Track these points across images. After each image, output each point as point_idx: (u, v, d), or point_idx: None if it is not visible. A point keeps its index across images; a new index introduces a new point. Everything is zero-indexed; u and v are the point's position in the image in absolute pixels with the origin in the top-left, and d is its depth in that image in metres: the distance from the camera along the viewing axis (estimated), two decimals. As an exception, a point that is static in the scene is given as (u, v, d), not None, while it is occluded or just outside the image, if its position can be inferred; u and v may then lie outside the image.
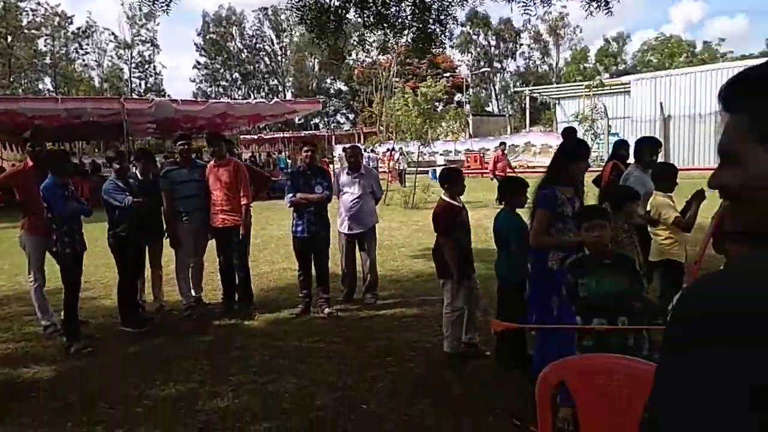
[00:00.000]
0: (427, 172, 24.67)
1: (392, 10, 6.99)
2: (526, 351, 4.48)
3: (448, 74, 47.71)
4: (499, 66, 71.08)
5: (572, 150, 3.84)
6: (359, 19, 7.16)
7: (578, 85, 34.33)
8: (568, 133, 8.28)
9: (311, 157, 6.26)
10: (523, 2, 6.46)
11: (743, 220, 0.89)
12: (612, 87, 31.64)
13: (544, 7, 6.79)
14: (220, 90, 70.62)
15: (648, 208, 4.71)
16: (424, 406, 3.92)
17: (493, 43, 70.03)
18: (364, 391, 4.23)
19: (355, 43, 9.04)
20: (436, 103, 19.39)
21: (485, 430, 3.59)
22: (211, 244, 6.61)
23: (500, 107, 70.05)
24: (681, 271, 4.69)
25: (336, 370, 4.61)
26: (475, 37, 68.24)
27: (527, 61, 72.24)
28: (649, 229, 4.77)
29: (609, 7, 6.36)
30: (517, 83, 65.77)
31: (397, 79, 40.13)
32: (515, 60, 71.69)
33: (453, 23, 7.79)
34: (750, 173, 0.84)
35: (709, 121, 26.76)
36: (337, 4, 6.79)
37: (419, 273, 8.04)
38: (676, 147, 27.14)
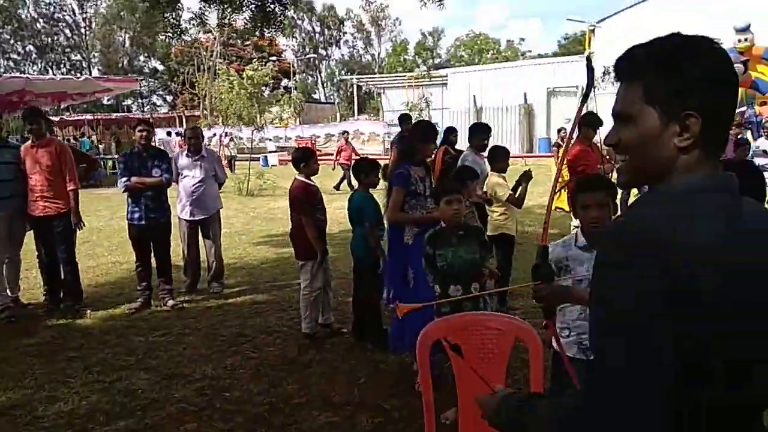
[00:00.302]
0: (258, 159, 24.18)
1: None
2: (382, 326, 4.70)
3: (274, 58, 46.92)
4: (324, 53, 71.63)
5: (423, 132, 4.09)
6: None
7: (401, 76, 35.97)
8: (405, 118, 8.72)
9: (146, 137, 5.82)
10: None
11: (633, 169, 1.10)
12: (432, 79, 33.61)
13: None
14: (11, 64, 61.86)
15: (485, 188, 5.19)
16: (291, 386, 3.94)
17: (317, 29, 70.34)
18: (225, 378, 4.12)
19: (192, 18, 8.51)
20: (263, 88, 18.99)
21: (355, 399, 3.73)
22: (29, 235, 5.90)
23: (326, 95, 70.77)
24: (512, 243, 5.26)
25: (190, 362, 4.43)
26: (299, 22, 67.89)
27: (351, 50, 73.79)
28: (486, 207, 5.26)
29: (441, 1, 6.80)
30: (342, 71, 66.86)
31: (220, 61, 38.47)
32: (339, 48, 72.83)
33: (290, 3, 7.74)
34: (640, 129, 1.04)
35: (514, 112, 29.76)
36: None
37: (264, 259, 7.95)
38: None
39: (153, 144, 6.15)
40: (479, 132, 5.78)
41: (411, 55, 72.10)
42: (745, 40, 17.08)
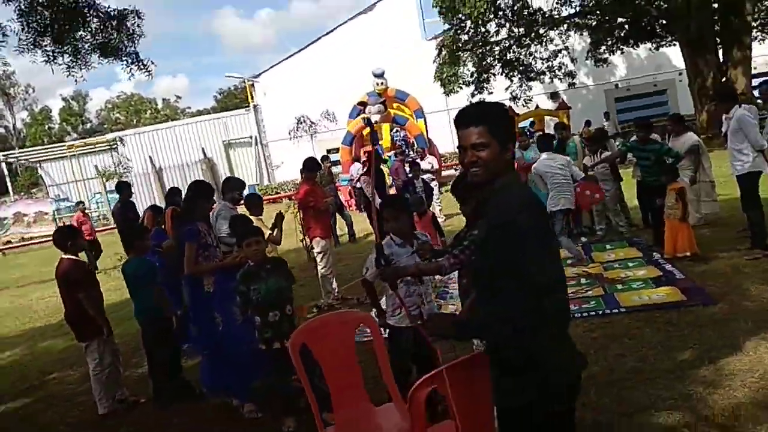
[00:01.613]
0: None
1: None
2: (184, 379, 4.90)
3: None
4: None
5: (201, 191, 4.52)
6: None
7: (60, 146, 32.88)
8: (124, 186, 8.61)
9: None
10: None
11: (485, 173, 2.00)
12: (97, 145, 31.59)
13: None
14: None
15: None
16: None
17: None
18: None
19: None
20: None
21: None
22: None
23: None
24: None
25: None
26: None
27: (-25, 124, 63.20)
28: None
29: (149, 70, 7.12)
30: (-28, 149, 56.80)
31: None
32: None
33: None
34: (490, 151, 1.97)
35: (195, 168, 29.97)
36: None
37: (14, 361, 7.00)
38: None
39: None
40: (233, 187, 6.28)
41: (57, 123, 65.57)
42: (381, 83, 20.91)
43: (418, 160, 7.47)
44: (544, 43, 22.17)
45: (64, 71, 6.52)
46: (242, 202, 5.91)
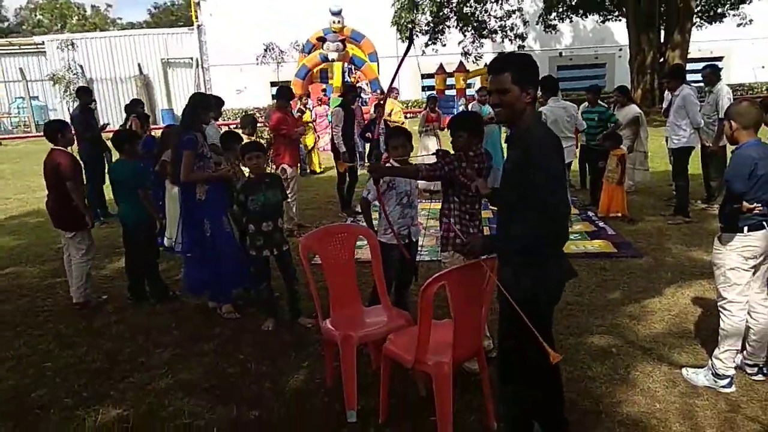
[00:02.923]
0: None
1: None
2: (162, 282, 5.17)
3: None
4: None
5: (202, 102, 4.68)
6: None
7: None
8: (84, 91, 8.39)
9: None
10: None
11: (507, 114, 2.44)
12: (22, 46, 29.44)
13: None
14: None
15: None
16: (109, 346, 4.24)
17: None
18: (32, 356, 4.10)
19: None
20: None
21: (176, 339, 4.29)
22: None
23: None
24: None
25: None
26: None
27: None
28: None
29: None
30: None
31: None
32: None
33: None
34: (510, 95, 2.39)
35: (130, 84, 28.64)
36: None
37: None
38: (104, 108, 27.89)
39: None
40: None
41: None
42: (338, 22, 20.66)
43: (382, 102, 7.77)
44: (500, 2, 22.56)
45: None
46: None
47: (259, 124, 8.35)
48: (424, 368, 2.85)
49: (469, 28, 22.67)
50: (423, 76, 27.19)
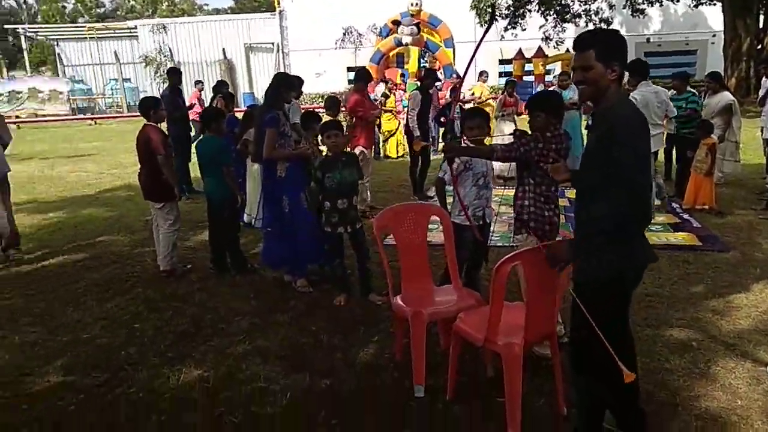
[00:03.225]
0: None
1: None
2: (243, 255, 5.41)
3: None
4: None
5: (285, 81, 4.84)
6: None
7: (80, 26, 32.34)
8: (174, 71, 8.84)
9: None
10: None
11: (591, 91, 2.38)
12: (117, 31, 31.13)
13: None
14: None
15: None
16: (196, 311, 4.50)
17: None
18: (126, 317, 4.42)
19: None
20: None
21: (255, 309, 4.49)
22: None
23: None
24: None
25: (48, 331, 4.27)
26: None
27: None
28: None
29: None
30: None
31: None
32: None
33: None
34: (594, 72, 2.33)
35: (215, 67, 29.71)
36: None
37: (39, 225, 7.47)
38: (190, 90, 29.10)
39: None
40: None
41: (72, 2, 63.89)
42: (416, 4, 20.54)
43: (458, 86, 7.68)
44: (585, -16, 21.74)
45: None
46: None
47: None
48: (495, 348, 2.85)
49: (552, 12, 21.99)
50: (501, 62, 26.64)
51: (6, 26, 33.07)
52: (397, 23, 19.13)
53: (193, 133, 9.44)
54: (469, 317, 3.07)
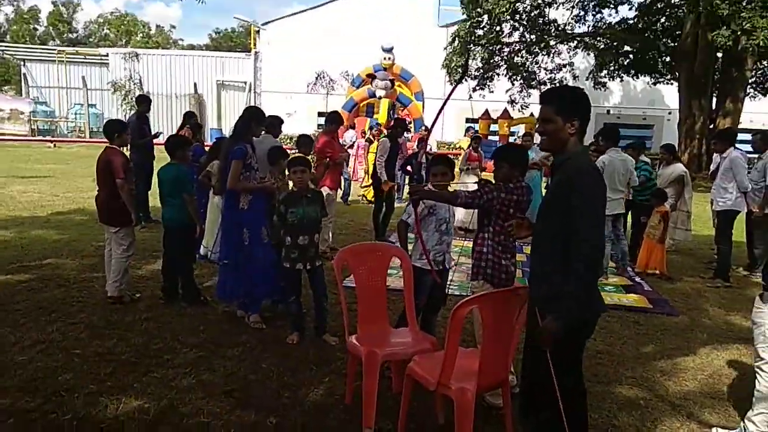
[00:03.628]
0: None
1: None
2: (196, 286, 5.26)
3: None
4: None
5: (255, 115, 4.84)
6: None
7: (50, 49, 32.01)
8: (143, 99, 8.78)
9: None
10: None
11: (551, 143, 2.47)
12: (88, 56, 30.90)
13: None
14: None
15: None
16: (139, 340, 4.32)
17: None
18: (62, 341, 4.20)
19: None
20: None
21: (205, 341, 4.35)
22: None
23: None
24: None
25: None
26: None
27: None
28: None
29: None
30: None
31: None
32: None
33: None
34: (554, 125, 2.43)
35: (184, 101, 29.63)
36: None
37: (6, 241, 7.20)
38: (157, 120, 28.84)
39: None
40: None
41: (44, 26, 63.38)
42: (389, 59, 21.13)
43: (425, 137, 7.88)
44: (551, 55, 22.78)
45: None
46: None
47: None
48: (447, 392, 2.82)
49: (519, 78, 22.87)
50: (467, 120, 27.43)
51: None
52: (372, 76, 19.61)
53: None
54: (424, 360, 3.04)
